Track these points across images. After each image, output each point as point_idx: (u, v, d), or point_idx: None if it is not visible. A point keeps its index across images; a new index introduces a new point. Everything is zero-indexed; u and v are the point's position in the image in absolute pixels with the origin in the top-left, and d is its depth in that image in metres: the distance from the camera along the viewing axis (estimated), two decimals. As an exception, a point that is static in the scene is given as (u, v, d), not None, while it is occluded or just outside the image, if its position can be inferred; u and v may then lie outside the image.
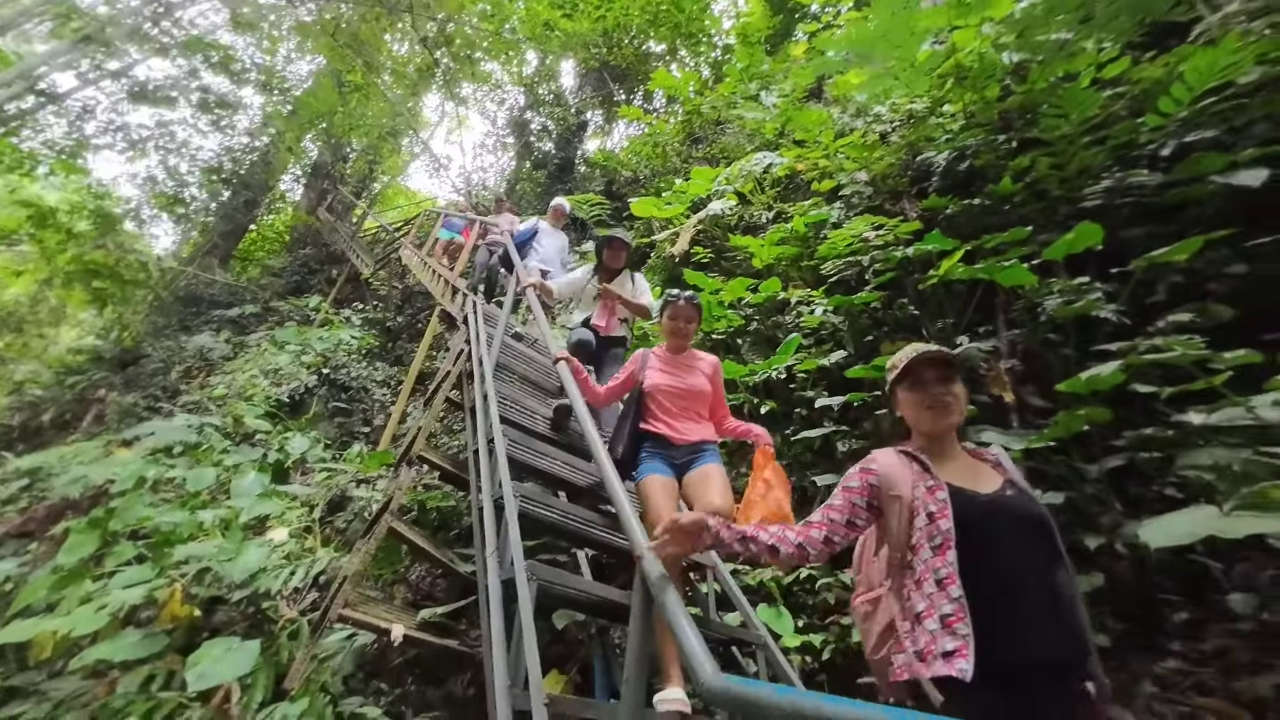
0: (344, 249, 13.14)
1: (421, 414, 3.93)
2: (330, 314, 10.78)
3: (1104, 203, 3.39)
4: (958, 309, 3.62)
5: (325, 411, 7.67)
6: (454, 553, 3.14)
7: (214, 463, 5.57)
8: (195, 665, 3.43)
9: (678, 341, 2.64)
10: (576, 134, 13.85)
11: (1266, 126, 3.19)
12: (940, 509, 1.31)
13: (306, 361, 8.27)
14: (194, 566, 4.24)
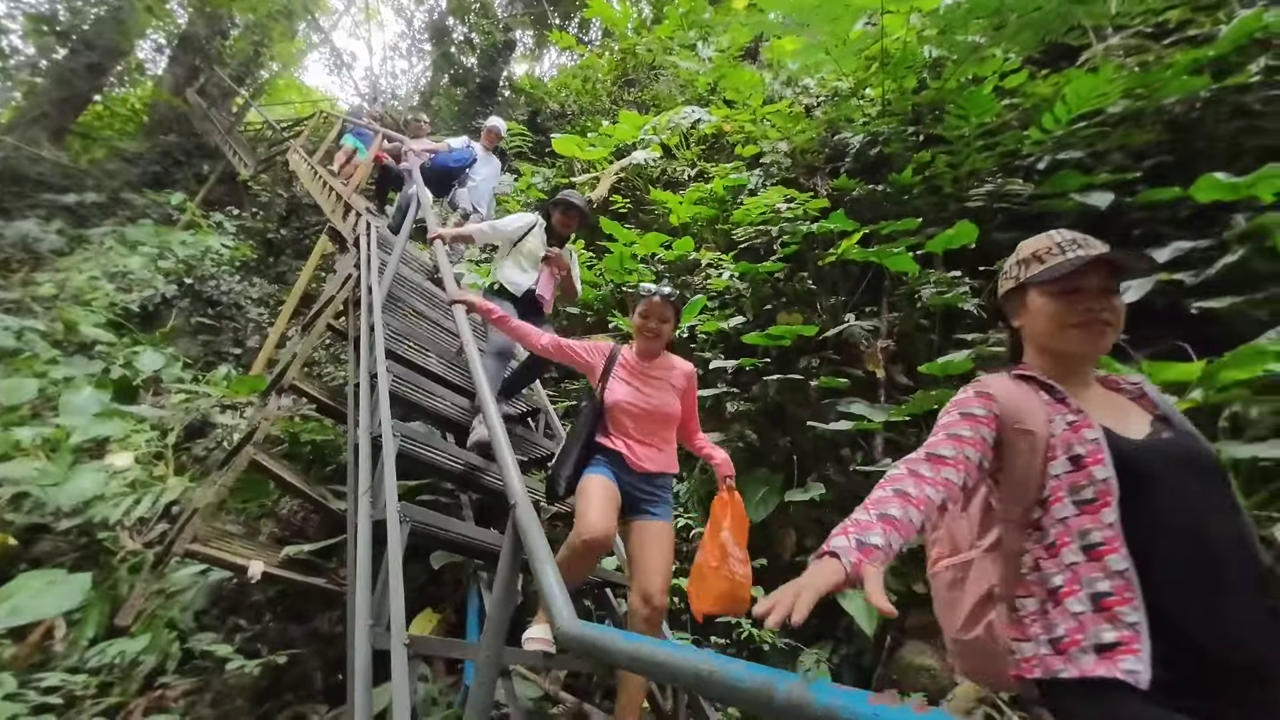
0: (218, 143, 11.41)
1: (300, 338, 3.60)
2: (198, 216, 9.43)
3: (984, 205, 3.72)
4: (850, 288, 3.87)
5: (187, 327, 6.81)
6: (327, 489, 2.97)
7: (37, 373, 4.80)
8: (7, 599, 3.05)
9: (649, 345, 2.18)
10: (503, 53, 12.79)
11: (1121, 156, 3.62)
12: (1092, 452, 0.97)
13: (165, 268, 7.24)
14: (9, 489, 3.69)
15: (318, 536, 3.41)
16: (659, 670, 0.80)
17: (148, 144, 12.69)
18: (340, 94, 21.16)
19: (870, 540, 0.84)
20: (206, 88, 13.78)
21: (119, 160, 12.04)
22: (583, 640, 0.97)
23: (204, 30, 14.36)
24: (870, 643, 2.21)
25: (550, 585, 1.10)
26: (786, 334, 3.28)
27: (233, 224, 9.11)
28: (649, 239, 4.40)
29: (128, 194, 10.42)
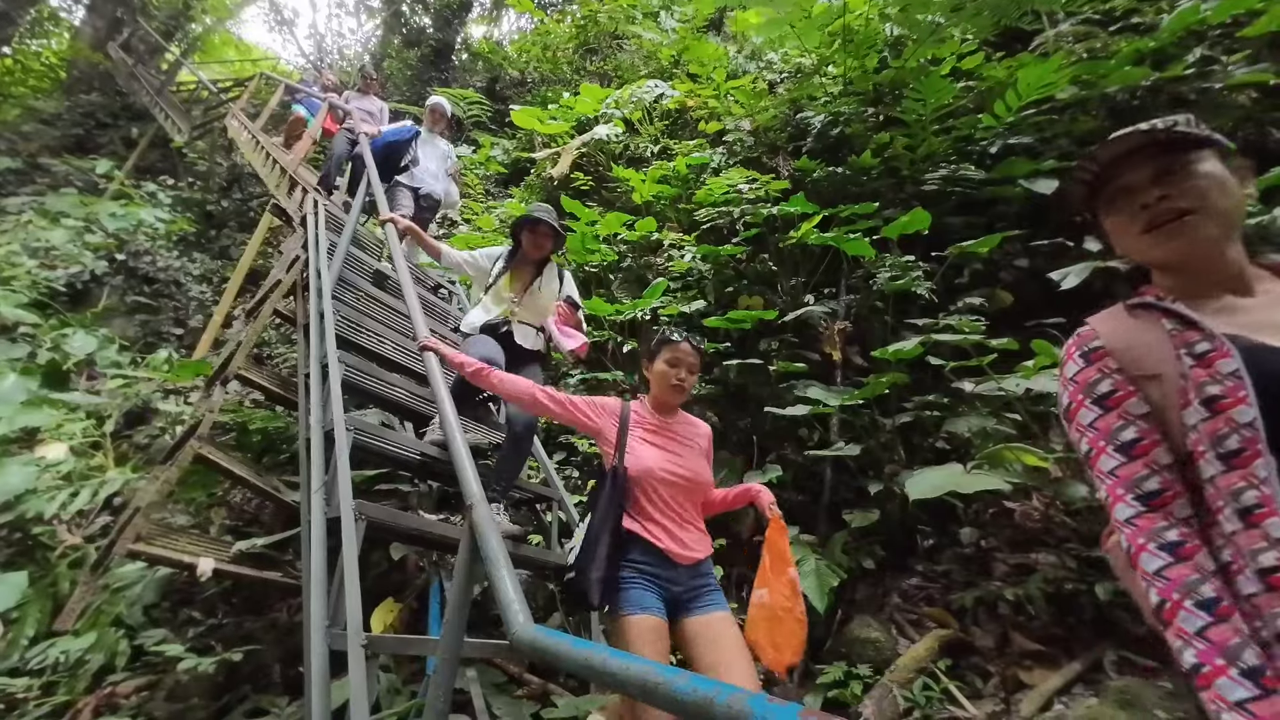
0: (148, 104, 10.57)
1: (245, 323, 3.44)
2: (128, 186, 8.78)
3: (939, 189, 3.81)
4: (810, 270, 3.92)
5: (121, 306, 6.41)
6: (280, 480, 2.89)
7: (-47, 360, 4.46)
8: (-66, 602, 2.88)
9: (672, 399, 1.86)
10: (458, 14, 12.17)
11: (1067, 142, 3.74)
12: (1230, 390, 0.75)
13: (92, 242, 6.75)
14: (-72, 486, 3.46)
15: (273, 525, 3.33)
16: (608, 679, 0.82)
17: (67, 104, 11.67)
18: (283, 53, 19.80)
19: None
20: (131, 42, 12.68)
21: (35, 122, 11.05)
22: (535, 646, 0.98)
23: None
24: (822, 616, 2.32)
25: (506, 589, 1.11)
26: (747, 318, 3.32)
27: (168, 195, 8.52)
28: (611, 218, 4.34)
29: (46, 159, 9.61)
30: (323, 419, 2.20)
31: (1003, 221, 3.64)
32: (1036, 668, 1.91)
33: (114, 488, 3.76)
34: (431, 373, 1.93)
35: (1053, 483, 2.13)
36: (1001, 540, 2.44)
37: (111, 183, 8.99)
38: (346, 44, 14.17)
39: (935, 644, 2.05)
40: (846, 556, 2.49)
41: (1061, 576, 2.09)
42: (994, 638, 2.06)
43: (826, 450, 2.76)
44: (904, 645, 2.15)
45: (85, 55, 12.56)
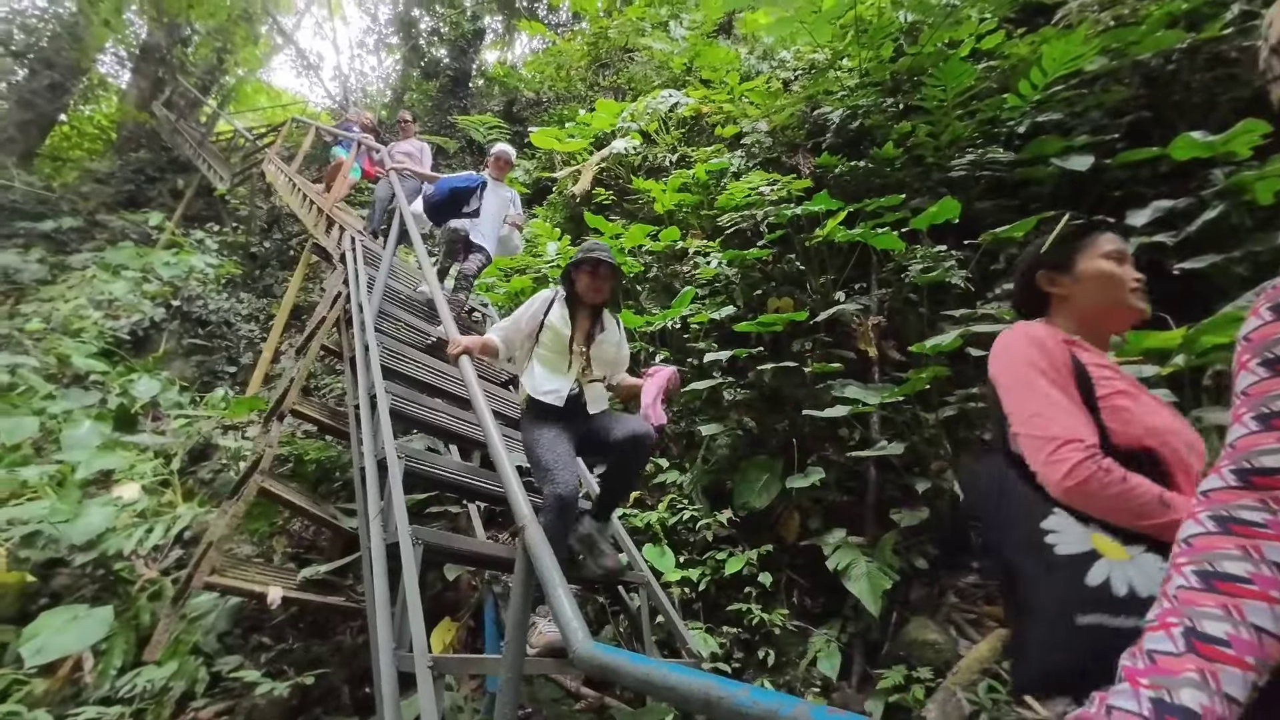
0: (190, 156, 11.20)
1: (295, 360, 3.61)
2: (178, 235, 9.32)
3: (966, 174, 3.72)
4: (839, 266, 3.88)
5: (179, 349, 6.79)
6: (336, 508, 3.02)
7: (35, 410, 4.80)
8: (33, 638, 3.10)
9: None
10: (473, 43, 12.51)
11: (1099, 114, 3.61)
12: None
13: (150, 291, 7.18)
14: (19, 529, 3.73)
15: (331, 551, 3.47)
16: (668, 694, 0.84)
17: (119, 162, 12.46)
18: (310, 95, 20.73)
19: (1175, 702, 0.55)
20: (173, 99, 13.48)
21: (92, 181, 11.83)
22: (595, 663, 1.01)
23: (164, 40, 13.99)
24: (876, 620, 2.28)
25: (563, 608, 1.15)
26: (778, 320, 3.30)
27: (214, 240, 9.00)
28: (635, 230, 4.39)
29: (104, 216, 10.28)
30: (374, 447, 2.29)
31: (1036, 203, 3.53)
32: (1108, 665, 1.83)
33: (184, 523, 3.97)
34: (475, 399, 2.00)
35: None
36: (1060, 532, 2.35)
37: (163, 233, 9.55)
38: (369, 82, 14.73)
39: (998, 643, 1.99)
40: (898, 557, 2.44)
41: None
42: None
43: (869, 450, 2.72)
44: (965, 646, 2.10)
45: (132, 115, 13.40)
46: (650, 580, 2.38)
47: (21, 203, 10.47)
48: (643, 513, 3.07)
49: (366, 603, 1.90)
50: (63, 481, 4.15)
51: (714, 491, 3.25)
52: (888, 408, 2.91)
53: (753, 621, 2.50)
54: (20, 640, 3.02)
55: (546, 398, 2.17)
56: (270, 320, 6.98)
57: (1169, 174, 3.18)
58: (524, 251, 5.59)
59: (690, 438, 3.58)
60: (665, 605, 2.29)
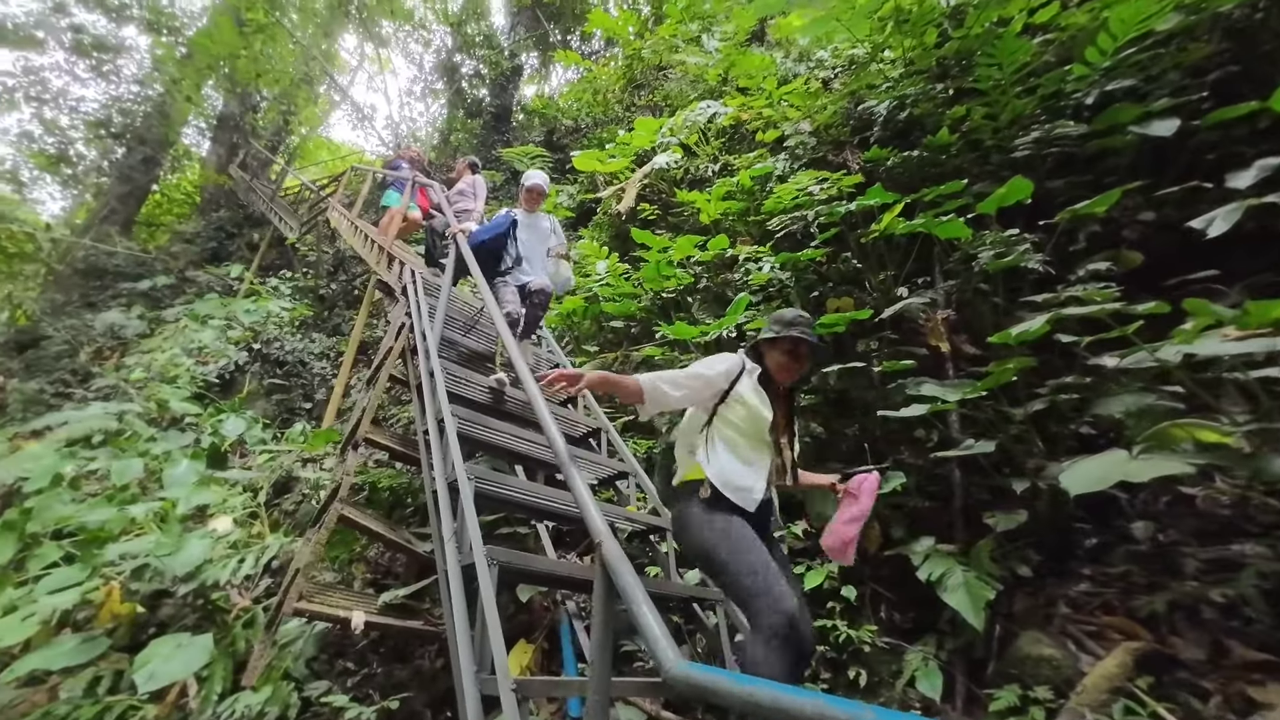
0: (264, 211, 12.12)
1: (365, 391, 3.77)
2: (256, 284, 10.04)
3: (1032, 153, 3.50)
4: (898, 261, 3.71)
5: (260, 389, 7.26)
6: (410, 532, 3.09)
7: (140, 452, 5.22)
8: (144, 665, 3.31)
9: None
10: (511, 79, 13.03)
11: (1178, 75, 3.33)
12: None
13: (233, 337, 7.74)
14: (130, 563, 4.02)
15: (407, 577, 3.55)
16: (775, 716, 0.78)
17: (203, 222, 13.64)
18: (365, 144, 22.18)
19: None
20: (246, 161, 14.69)
21: (180, 242, 12.98)
22: (691, 683, 0.95)
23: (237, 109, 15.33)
24: (978, 634, 2.10)
25: (650, 625, 1.10)
26: (839, 320, 3.18)
27: (287, 286, 9.65)
28: (683, 242, 4.37)
29: (192, 272, 11.23)
30: (445, 470, 2.33)
31: (1113, 176, 3.27)
32: (1268, 681, 1.60)
33: (272, 552, 4.18)
34: (542, 417, 2.00)
35: (1245, 460, 1.82)
36: (1185, 532, 2.11)
37: (243, 283, 10.32)
38: (418, 126, 15.59)
39: (1128, 658, 1.78)
40: (996, 565, 2.25)
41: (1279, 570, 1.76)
42: (1204, 648, 1.76)
43: (954, 450, 2.54)
44: (1086, 661, 1.89)
45: (212, 179, 14.68)
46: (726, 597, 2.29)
47: (123, 266, 11.61)
48: (711, 527, 2.98)
49: (445, 625, 1.91)
50: (165, 517, 4.47)
51: (785, 503, 3.11)
52: (968, 405, 2.73)
53: (839, 639, 2.36)
54: (133, 668, 3.22)
55: (738, 496, 1.73)
56: (340, 357, 7.37)
57: (1270, 129, 2.88)
58: (574, 271, 5.68)
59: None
60: (744, 622, 2.19)
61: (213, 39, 13.07)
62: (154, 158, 14.22)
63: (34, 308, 10.79)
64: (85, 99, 14.15)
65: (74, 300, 10.91)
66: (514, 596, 2.90)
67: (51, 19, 12.92)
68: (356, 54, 19.75)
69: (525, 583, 2.59)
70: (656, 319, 4.63)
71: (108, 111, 14.25)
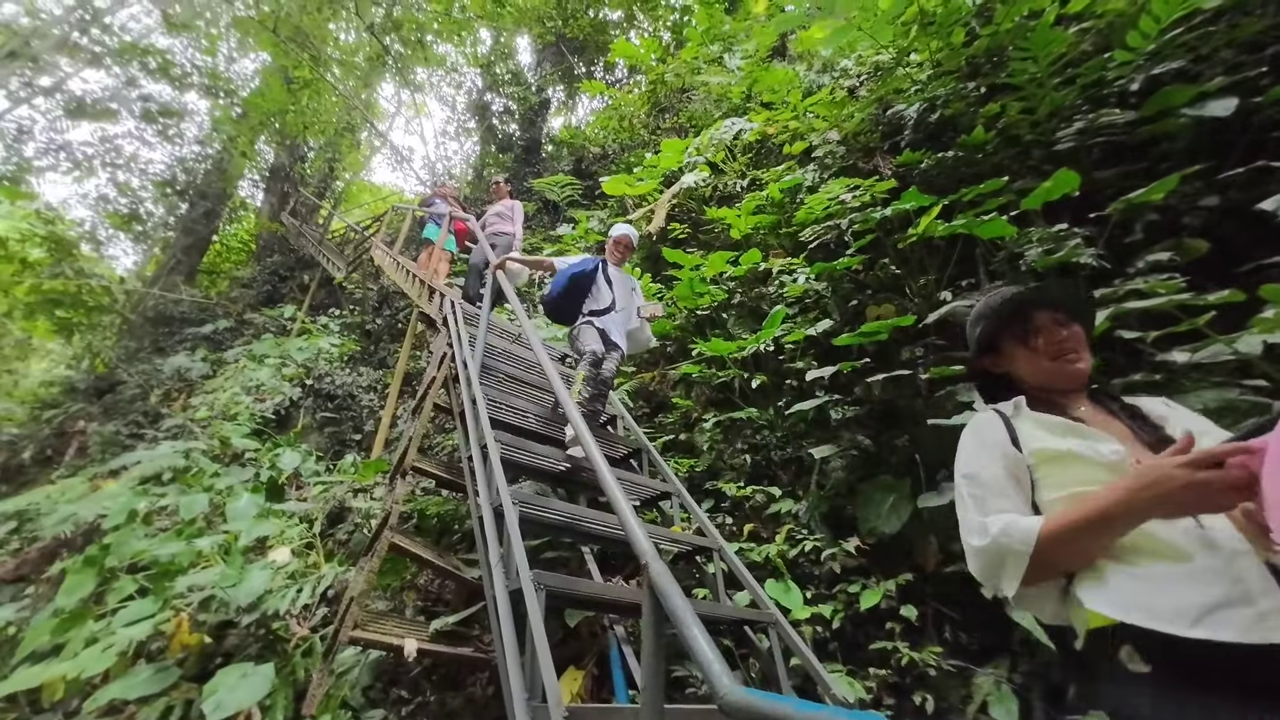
0: (313, 253, 12.78)
1: (411, 421, 3.87)
2: (307, 322, 10.55)
3: (1076, 144, 3.36)
4: (939, 264, 3.60)
5: (314, 423, 7.56)
6: (459, 559, 3.12)
7: (205, 488, 5.48)
8: (211, 695, 3.42)
9: None
10: (539, 113, 13.47)
11: (1231, 52, 3.16)
12: None
13: (288, 374, 8.11)
14: (198, 595, 4.20)
15: (456, 603, 3.58)
16: (847, 745, 0.73)
17: (258, 268, 14.48)
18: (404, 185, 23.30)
19: None
20: (296, 208, 15.58)
21: (238, 287, 13.80)
22: (750, 710, 0.92)
23: (287, 160, 16.34)
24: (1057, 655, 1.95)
25: (702, 649, 1.07)
26: (881, 328, 3.10)
27: (335, 323, 10.09)
28: (715, 258, 4.36)
29: (250, 314, 11.89)
30: (490, 496, 2.35)
31: (1168, 162, 3.11)
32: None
33: (328, 581, 4.29)
34: (583, 438, 2.00)
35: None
36: None
37: (295, 323, 10.86)
38: (453, 164, 16.24)
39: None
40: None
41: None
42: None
43: (1012, 457, 2.41)
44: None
45: (266, 227, 15.62)
46: (779, 618, 2.21)
47: (188, 312, 12.41)
48: (759, 546, 2.91)
49: (495, 652, 1.91)
50: (229, 549, 4.66)
51: (834, 519, 3.02)
52: (1025, 409, 2.59)
53: (901, 661, 2.24)
54: (202, 697, 3.34)
55: (1203, 628, 0.82)
56: (386, 389, 7.61)
57: (1342, 102, 2.69)
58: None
59: (799, 463, 3.39)
60: (799, 645, 2.11)
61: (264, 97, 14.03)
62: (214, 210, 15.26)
63: (110, 355, 11.62)
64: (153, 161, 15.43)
65: (145, 347, 11.70)
66: (563, 622, 2.88)
67: (124, 92, 14.15)
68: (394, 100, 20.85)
69: (572, 607, 2.57)
70: (692, 336, 4.62)
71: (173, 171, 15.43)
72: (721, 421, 3.84)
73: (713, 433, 3.81)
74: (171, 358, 10.19)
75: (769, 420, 3.65)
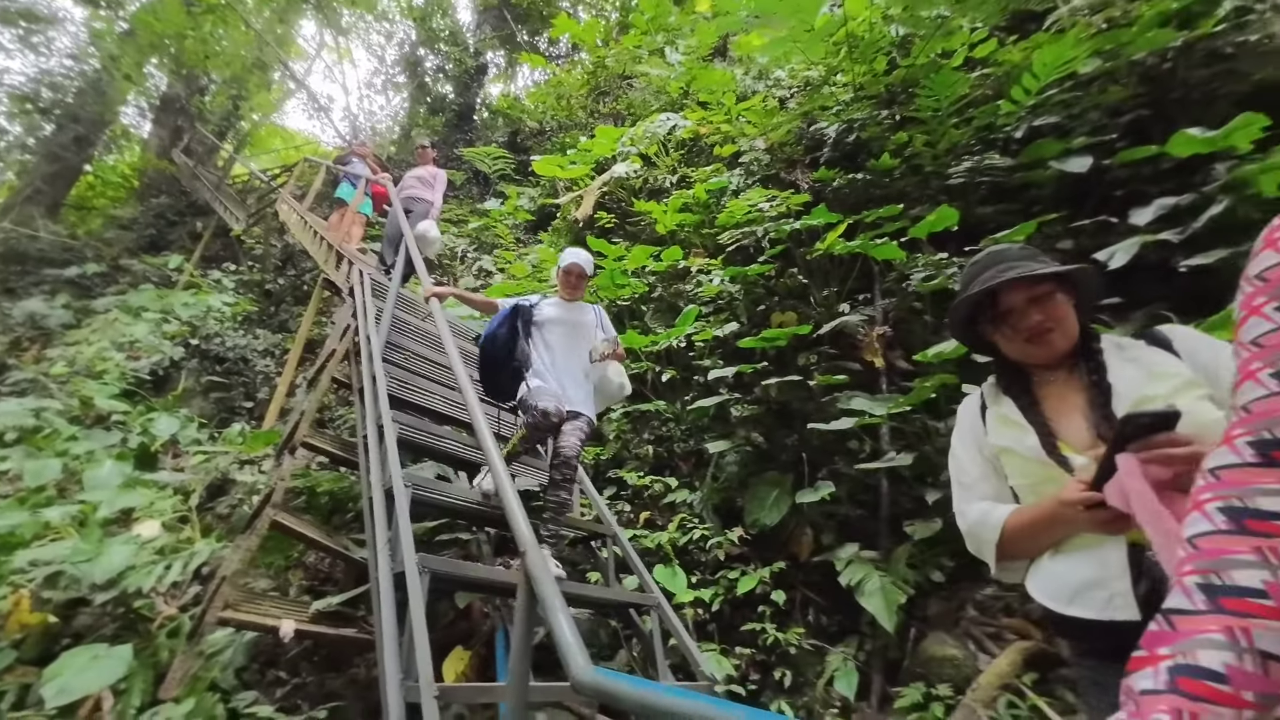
0: (208, 199, 11.57)
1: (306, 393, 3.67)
2: (196, 276, 9.58)
3: (965, 181, 3.72)
4: (841, 278, 3.88)
5: (198, 387, 6.93)
6: (349, 539, 3.03)
7: (59, 452, 4.91)
8: (54, 678, 3.12)
9: None
10: (476, 77, 12.88)
11: (1098, 114, 3.61)
12: None
13: (170, 331, 7.36)
14: (43, 570, 3.78)
15: (346, 583, 3.47)
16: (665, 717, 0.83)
17: (141, 209, 12.90)
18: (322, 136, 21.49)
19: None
20: (191, 146, 13.99)
21: (115, 228, 12.25)
22: (595, 688, 1.00)
23: (183, 90, 14.59)
24: (893, 636, 2.22)
25: (564, 633, 1.14)
26: (782, 335, 3.30)
27: (231, 279, 9.24)
28: (637, 252, 4.44)
29: (127, 260, 10.60)
30: (382, 477, 2.31)
31: (1038, 206, 3.52)
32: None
33: (202, 558, 4.00)
34: (476, 422, 2.01)
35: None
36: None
37: (182, 275, 9.82)
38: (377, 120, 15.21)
39: (1018, 657, 1.92)
40: (913, 570, 2.39)
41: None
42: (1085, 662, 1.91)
43: (878, 462, 2.68)
44: (984, 661, 2.03)
45: (153, 163, 13.91)
46: (661, 602, 2.35)
47: (48, 251, 10.87)
48: (653, 533, 3.05)
49: (375, 634, 1.90)
50: (84, 521, 4.22)
51: (725, 510, 3.21)
52: (897, 418, 2.88)
53: (768, 641, 2.45)
54: (42, 681, 3.04)
55: (1075, 607, 0.98)
56: (285, 355, 7.11)
57: (1171, 170, 3.16)
58: (529, 277, 5.65)
59: (699, 456, 3.56)
60: (677, 628, 2.25)
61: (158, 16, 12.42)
62: (87, 137, 13.38)
63: (-57, 292, 9.98)
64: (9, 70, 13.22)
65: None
66: (454, 604, 2.88)
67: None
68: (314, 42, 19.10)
69: (458, 590, 2.58)
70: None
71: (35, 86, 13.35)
72: (630, 412, 3.94)
73: (620, 423, 3.91)
74: (24, 301, 8.92)
75: (675, 414, 3.80)
